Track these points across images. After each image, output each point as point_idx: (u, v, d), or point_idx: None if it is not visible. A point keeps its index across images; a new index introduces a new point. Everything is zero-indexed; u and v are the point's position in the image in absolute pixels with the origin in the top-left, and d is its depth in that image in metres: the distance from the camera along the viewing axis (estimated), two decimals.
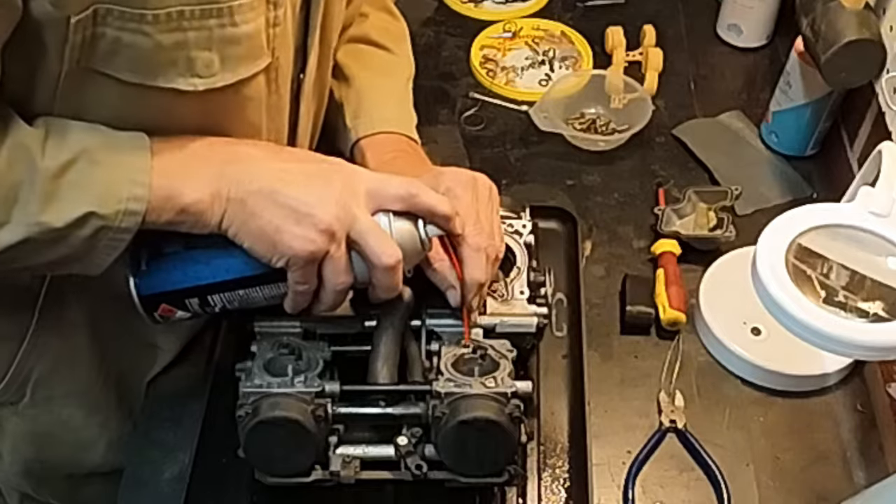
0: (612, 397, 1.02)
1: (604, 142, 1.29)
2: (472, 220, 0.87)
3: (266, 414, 0.81)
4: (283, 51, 0.79)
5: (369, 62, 1.07)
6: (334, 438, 0.86)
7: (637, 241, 1.17)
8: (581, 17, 1.49)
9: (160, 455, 0.95)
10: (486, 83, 1.38)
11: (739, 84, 1.40)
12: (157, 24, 0.69)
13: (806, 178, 1.25)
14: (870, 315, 0.83)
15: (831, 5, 1.11)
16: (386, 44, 1.09)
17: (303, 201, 0.76)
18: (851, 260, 0.87)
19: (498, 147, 1.29)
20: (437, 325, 0.90)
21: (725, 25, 1.44)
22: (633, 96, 1.31)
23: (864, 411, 1.01)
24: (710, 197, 1.17)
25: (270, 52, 0.77)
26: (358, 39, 1.07)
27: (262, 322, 0.90)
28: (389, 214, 0.81)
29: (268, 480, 0.87)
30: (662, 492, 0.95)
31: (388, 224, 0.81)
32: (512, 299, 0.94)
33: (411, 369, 0.89)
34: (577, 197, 1.22)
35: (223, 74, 0.74)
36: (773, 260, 0.85)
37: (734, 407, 1.02)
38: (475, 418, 0.81)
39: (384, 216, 0.81)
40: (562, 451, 0.97)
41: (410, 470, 0.85)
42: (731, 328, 1.05)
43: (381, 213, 0.81)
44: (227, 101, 0.77)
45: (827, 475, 0.97)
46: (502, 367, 0.86)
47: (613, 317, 1.09)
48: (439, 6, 1.51)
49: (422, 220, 0.82)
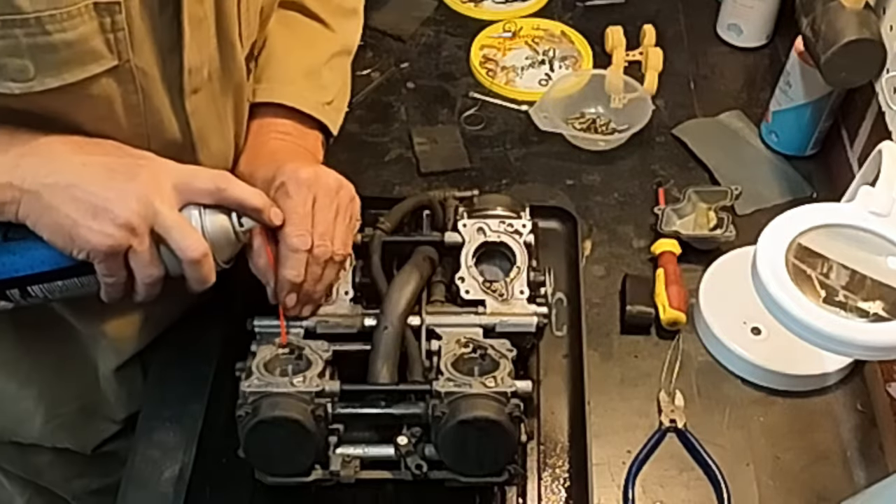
0: (612, 397, 1.02)
1: (604, 141, 1.29)
2: (298, 219, 0.87)
3: (266, 414, 0.82)
4: (141, 52, 0.79)
5: (293, 29, 1.05)
6: (334, 438, 0.86)
7: (637, 240, 1.17)
8: (581, 16, 1.49)
9: (160, 455, 0.95)
10: (486, 83, 1.38)
11: (739, 84, 1.40)
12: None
13: (806, 178, 1.24)
14: (870, 315, 0.83)
15: (831, 5, 1.11)
16: (321, 14, 1.07)
17: (101, 196, 0.76)
18: (851, 260, 0.87)
19: (498, 147, 1.29)
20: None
21: (725, 25, 1.44)
22: (633, 96, 1.31)
23: (865, 411, 1.01)
24: (710, 197, 1.17)
25: (115, 54, 0.77)
26: (290, 5, 1.06)
27: (262, 322, 0.90)
28: (200, 208, 0.82)
29: (268, 480, 0.87)
30: (662, 491, 0.95)
31: (199, 217, 0.82)
32: (512, 299, 0.94)
33: (411, 369, 0.89)
34: (577, 197, 1.22)
35: (42, 79, 0.74)
36: (773, 260, 0.85)
37: (734, 407, 1.02)
38: (475, 418, 0.81)
39: (195, 209, 0.82)
40: (562, 451, 0.97)
41: (410, 470, 0.85)
42: (732, 328, 1.05)
43: (192, 207, 0.82)
44: (69, 100, 0.77)
45: (827, 475, 0.97)
46: (502, 366, 0.86)
47: (613, 316, 1.09)
48: (439, 6, 1.51)
49: (235, 212, 0.83)
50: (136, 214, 0.77)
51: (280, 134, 1.00)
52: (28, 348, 0.99)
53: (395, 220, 0.99)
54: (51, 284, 0.82)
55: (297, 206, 0.87)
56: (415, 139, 1.29)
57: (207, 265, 0.81)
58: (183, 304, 1.01)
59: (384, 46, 1.44)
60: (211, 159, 0.92)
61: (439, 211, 1.01)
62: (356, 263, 0.95)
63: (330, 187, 0.90)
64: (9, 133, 0.78)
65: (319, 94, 1.03)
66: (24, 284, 0.82)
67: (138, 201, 0.77)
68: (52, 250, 0.79)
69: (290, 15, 1.06)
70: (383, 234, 0.96)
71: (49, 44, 0.73)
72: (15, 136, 0.78)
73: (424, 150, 1.27)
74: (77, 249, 0.77)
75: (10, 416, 1.05)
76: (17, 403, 1.03)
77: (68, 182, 0.76)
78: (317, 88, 1.03)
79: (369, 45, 1.42)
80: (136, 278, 0.81)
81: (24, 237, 0.79)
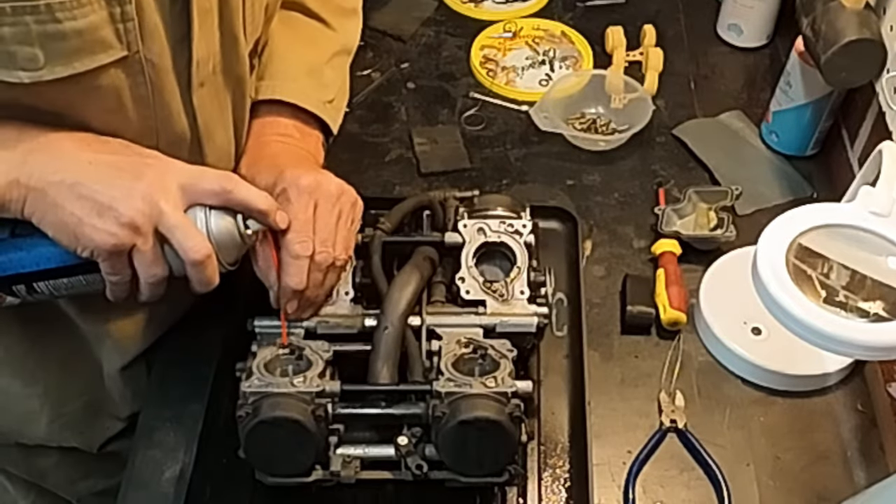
0: (612, 397, 1.02)
1: (604, 142, 1.29)
2: (299, 226, 0.87)
3: (266, 414, 0.82)
4: (151, 43, 0.79)
5: (295, 28, 1.05)
6: (334, 438, 0.86)
7: (637, 240, 1.17)
8: (581, 16, 1.49)
9: (160, 455, 0.95)
10: (487, 83, 1.38)
11: (739, 84, 1.40)
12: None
13: (806, 178, 1.25)
14: (870, 315, 0.83)
15: (831, 5, 1.11)
16: (321, 14, 1.07)
17: (106, 194, 0.77)
18: (852, 260, 0.87)
19: (498, 147, 1.29)
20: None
21: (725, 25, 1.44)
22: (633, 96, 1.31)
23: (865, 411, 1.01)
24: (710, 197, 1.17)
25: (125, 45, 0.77)
26: (291, 5, 1.06)
27: (262, 322, 0.90)
28: (206, 209, 0.82)
29: (268, 480, 0.87)
30: (663, 491, 0.95)
31: (205, 218, 0.81)
32: (512, 299, 0.94)
33: (412, 369, 0.89)
34: (577, 197, 1.22)
35: (52, 68, 0.74)
36: (773, 260, 0.85)
37: (734, 407, 1.02)
38: (476, 418, 0.81)
39: (200, 211, 0.82)
40: (562, 451, 0.97)
41: (411, 470, 0.85)
42: (732, 328, 1.05)
43: (198, 208, 0.82)
44: (77, 92, 0.77)
45: (827, 475, 0.97)
46: (503, 366, 0.86)
47: (614, 317, 1.09)
48: (439, 6, 1.51)
49: (241, 214, 0.83)
50: (140, 214, 0.77)
51: (281, 136, 1.00)
52: (33, 346, 0.99)
53: (396, 221, 0.99)
54: (56, 281, 0.82)
55: (299, 213, 0.87)
56: (415, 139, 1.29)
57: (211, 266, 0.81)
58: (187, 304, 1.01)
59: (384, 46, 1.44)
60: (216, 153, 0.92)
61: (439, 211, 1.01)
62: (356, 264, 0.95)
63: (331, 193, 0.90)
64: (17, 129, 0.78)
65: (321, 92, 1.04)
66: (30, 281, 0.82)
67: (143, 201, 0.77)
68: (58, 247, 0.79)
69: (292, 14, 1.06)
70: (383, 235, 0.96)
71: (59, 32, 0.72)
72: (23, 132, 0.78)
73: (425, 150, 1.28)
74: (81, 247, 0.77)
75: (15, 415, 1.05)
76: (23, 403, 1.03)
77: (74, 180, 0.76)
78: (318, 86, 1.04)
79: (369, 46, 1.42)
80: (140, 278, 0.81)
81: (31, 234, 0.79)
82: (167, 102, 0.84)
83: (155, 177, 0.79)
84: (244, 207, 0.83)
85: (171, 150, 0.83)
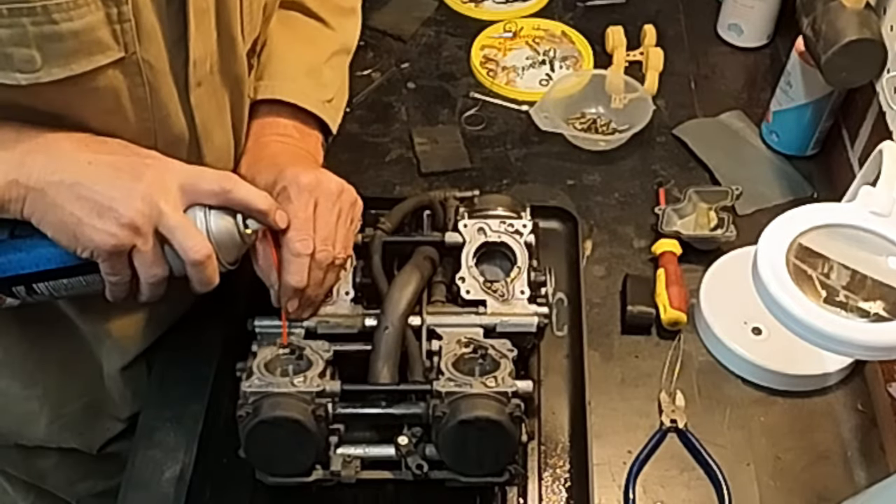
0: (612, 397, 1.02)
1: (604, 141, 1.29)
2: (299, 224, 0.87)
3: (267, 414, 0.82)
4: (148, 44, 0.79)
5: (293, 28, 1.05)
6: (335, 438, 0.86)
7: (637, 240, 1.17)
8: (581, 16, 1.49)
9: (160, 455, 0.95)
10: (487, 83, 1.38)
11: (740, 84, 1.40)
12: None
13: (806, 178, 1.24)
14: (870, 315, 0.83)
15: (832, 5, 1.11)
16: (320, 13, 1.07)
17: (106, 195, 0.77)
18: (852, 260, 0.86)
19: (498, 147, 1.29)
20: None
21: (726, 25, 1.44)
22: (633, 96, 1.31)
23: (865, 411, 1.01)
24: (710, 197, 1.17)
25: (122, 46, 0.77)
26: (290, 5, 1.06)
27: (262, 322, 0.90)
28: (206, 209, 0.82)
29: (268, 480, 0.87)
30: (663, 491, 0.95)
31: (204, 218, 0.82)
32: (512, 299, 0.94)
33: (412, 369, 0.89)
34: (577, 197, 1.22)
35: (49, 70, 0.74)
36: (773, 260, 0.85)
37: (735, 407, 1.02)
38: (476, 418, 0.81)
39: (200, 211, 0.82)
40: (562, 451, 0.97)
41: (411, 470, 0.85)
42: (732, 328, 1.05)
43: (198, 208, 0.82)
44: (75, 93, 0.77)
45: (827, 475, 0.97)
46: (503, 366, 0.86)
47: (614, 316, 1.09)
48: (439, 6, 1.51)
49: (240, 214, 0.83)
50: (140, 214, 0.77)
51: (281, 136, 1.00)
52: (32, 347, 0.99)
53: (396, 221, 0.99)
54: (56, 282, 0.82)
55: (299, 211, 0.87)
56: (415, 139, 1.29)
57: (211, 266, 0.81)
58: (187, 303, 1.01)
59: (384, 46, 1.44)
60: (214, 153, 0.92)
61: (440, 211, 1.01)
62: (357, 263, 0.95)
63: (331, 191, 0.90)
64: (15, 130, 0.78)
65: (320, 91, 1.04)
66: (30, 282, 0.82)
67: (143, 201, 0.77)
68: (57, 248, 0.79)
69: (291, 14, 1.06)
70: (384, 235, 0.96)
71: (55, 33, 0.72)
72: (21, 132, 0.78)
73: (425, 150, 1.28)
74: (81, 248, 0.77)
75: (15, 416, 1.05)
76: (22, 404, 1.03)
77: (74, 180, 0.76)
78: (318, 86, 1.04)
79: (369, 45, 1.42)
80: (140, 278, 0.81)
81: (31, 235, 0.79)
82: (165, 103, 0.84)
83: (154, 177, 0.79)
84: (244, 207, 0.83)
85: (169, 151, 0.83)
